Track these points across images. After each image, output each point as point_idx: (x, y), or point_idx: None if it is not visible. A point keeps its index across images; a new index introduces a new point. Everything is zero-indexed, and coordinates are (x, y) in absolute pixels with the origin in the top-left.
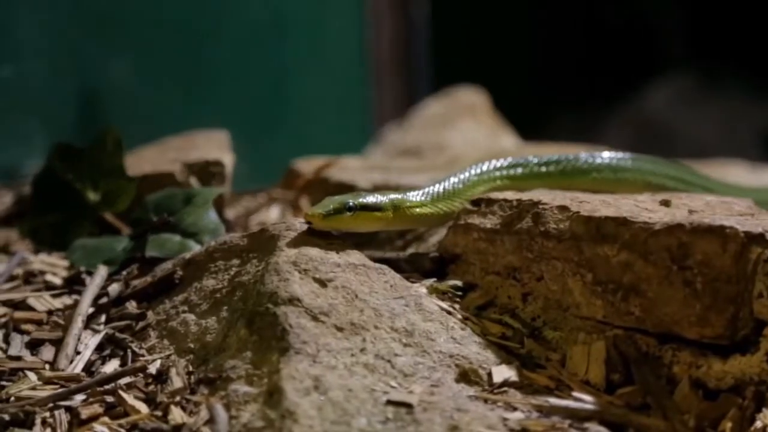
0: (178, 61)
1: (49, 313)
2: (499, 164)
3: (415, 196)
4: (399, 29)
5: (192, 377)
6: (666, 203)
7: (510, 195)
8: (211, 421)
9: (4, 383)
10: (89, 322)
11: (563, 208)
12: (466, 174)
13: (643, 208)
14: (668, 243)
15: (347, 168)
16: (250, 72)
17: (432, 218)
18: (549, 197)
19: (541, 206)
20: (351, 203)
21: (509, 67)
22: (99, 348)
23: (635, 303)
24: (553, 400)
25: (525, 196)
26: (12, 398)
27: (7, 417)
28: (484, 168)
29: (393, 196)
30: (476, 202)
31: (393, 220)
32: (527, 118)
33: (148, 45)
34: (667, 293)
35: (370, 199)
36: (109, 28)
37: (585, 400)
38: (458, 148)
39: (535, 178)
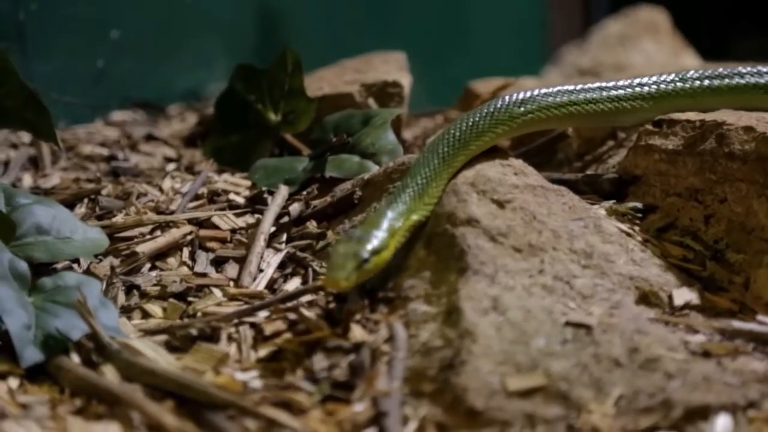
0: None
1: (233, 231)
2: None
3: (405, 203)
4: None
5: (372, 296)
6: None
7: (693, 116)
8: (390, 339)
9: (191, 299)
10: (271, 241)
11: (749, 129)
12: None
13: None
14: None
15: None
16: None
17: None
18: (734, 118)
19: (725, 127)
20: (365, 256)
21: None
22: (281, 266)
23: None
24: (737, 323)
25: (708, 116)
26: (198, 314)
27: (194, 332)
28: None
29: (387, 222)
30: (658, 123)
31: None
32: (710, 38)
33: None
34: None
35: (375, 242)
36: None
37: None
38: (638, 68)
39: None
